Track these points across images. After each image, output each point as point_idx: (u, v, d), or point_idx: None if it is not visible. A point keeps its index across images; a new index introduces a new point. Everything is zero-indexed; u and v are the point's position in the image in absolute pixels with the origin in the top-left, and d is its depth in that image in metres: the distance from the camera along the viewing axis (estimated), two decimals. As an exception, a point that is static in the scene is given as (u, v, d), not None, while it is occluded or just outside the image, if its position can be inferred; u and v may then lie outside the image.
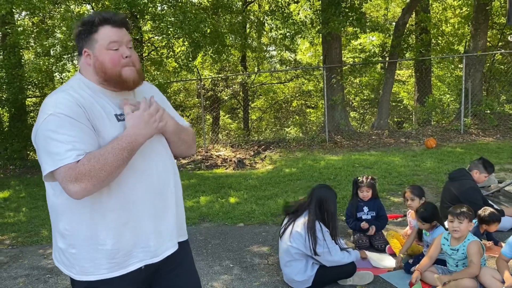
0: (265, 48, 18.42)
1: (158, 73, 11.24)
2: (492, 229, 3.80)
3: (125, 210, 1.61)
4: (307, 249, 3.21)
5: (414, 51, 12.76)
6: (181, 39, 10.34)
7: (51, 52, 10.83)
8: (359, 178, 4.30)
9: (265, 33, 16.25)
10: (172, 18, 9.11)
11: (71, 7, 9.94)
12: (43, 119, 1.51)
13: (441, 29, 15.51)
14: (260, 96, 19.52)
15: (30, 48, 11.19)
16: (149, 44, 12.54)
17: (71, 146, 1.48)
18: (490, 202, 4.45)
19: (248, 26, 15.33)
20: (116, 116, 1.64)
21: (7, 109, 11.73)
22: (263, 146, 11.03)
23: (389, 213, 4.86)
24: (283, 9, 11.70)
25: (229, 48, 12.29)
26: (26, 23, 12.53)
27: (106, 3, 9.34)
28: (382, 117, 11.87)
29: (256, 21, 14.37)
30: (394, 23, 13.12)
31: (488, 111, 11.12)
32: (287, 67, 18.31)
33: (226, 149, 11.31)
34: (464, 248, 3.08)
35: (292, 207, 3.52)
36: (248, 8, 15.52)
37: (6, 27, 10.38)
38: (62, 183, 1.49)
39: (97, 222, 1.59)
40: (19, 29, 10.33)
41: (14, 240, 5.08)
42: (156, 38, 12.02)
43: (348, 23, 10.57)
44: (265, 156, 9.97)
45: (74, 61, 11.13)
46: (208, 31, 9.96)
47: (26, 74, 10.65)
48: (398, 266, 3.56)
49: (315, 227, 3.23)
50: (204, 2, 12.77)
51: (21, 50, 11.06)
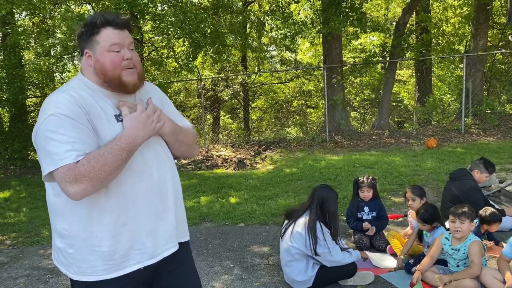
0: (266, 48, 18.42)
1: (159, 73, 11.23)
2: (493, 229, 3.80)
3: (124, 211, 1.61)
4: (308, 249, 3.20)
5: (415, 51, 12.76)
6: (182, 39, 10.34)
7: (52, 52, 10.84)
8: (360, 178, 4.29)
9: (266, 33, 16.24)
10: (173, 18, 9.11)
11: (72, 7, 9.94)
12: (43, 119, 1.52)
13: (442, 29, 15.50)
14: (261, 96, 19.52)
15: (31, 48, 11.20)
16: (150, 44, 12.53)
17: (71, 147, 1.48)
18: (491, 202, 4.45)
19: (249, 26, 15.33)
20: (116, 117, 1.64)
21: (8, 109, 11.75)
22: (264, 146, 11.03)
23: (390, 213, 4.85)
24: (284, 9, 11.70)
25: (230, 48, 12.29)
26: (27, 23, 12.54)
27: (107, 3, 9.34)
28: (383, 117, 11.86)
29: (257, 21, 14.36)
30: (395, 23, 13.11)
31: (489, 111, 11.11)
32: (288, 67, 18.31)
33: (227, 149, 11.30)
34: (465, 248, 3.07)
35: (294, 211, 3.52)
36: (249, 8, 15.51)
37: (7, 27, 10.39)
38: (61, 184, 1.49)
39: (95, 223, 1.59)
40: (20, 29, 10.33)
41: (15, 240, 5.08)
42: (157, 38, 12.02)
43: (349, 23, 10.57)
44: (266, 156, 9.97)
45: (75, 61, 11.14)
46: (209, 31, 9.96)
47: (27, 74, 10.65)
48: (399, 267, 3.55)
49: (316, 228, 3.22)
50: (205, 2, 12.77)
51: (22, 50, 11.06)
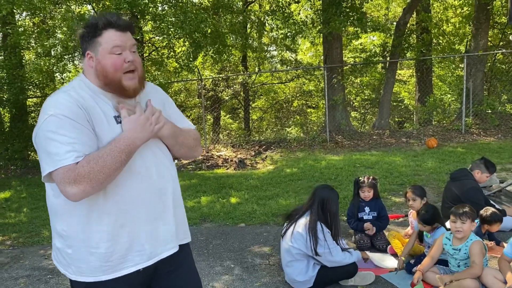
0: (266, 48, 18.41)
1: (159, 73, 11.24)
2: (494, 229, 3.79)
3: (122, 213, 1.61)
4: (308, 250, 3.20)
5: (415, 51, 12.75)
6: (182, 39, 10.34)
7: (52, 53, 10.84)
8: (361, 178, 4.28)
9: (266, 33, 16.24)
10: (173, 18, 9.11)
11: (72, 8, 9.94)
12: (44, 120, 1.52)
13: (442, 29, 15.49)
14: (261, 96, 19.51)
15: (31, 49, 11.20)
16: (150, 45, 12.54)
17: (71, 148, 1.48)
18: (492, 202, 4.44)
19: (249, 26, 15.33)
20: (115, 118, 1.64)
21: (8, 110, 11.76)
22: (264, 146, 11.03)
23: (391, 213, 4.85)
24: (284, 9, 11.70)
25: (230, 48, 12.29)
26: (27, 24, 12.55)
27: (107, 3, 9.34)
28: (383, 117, 11.86)
29: (257, 21, 14.35)
30: (395, 23, 13.11)
31: (490, 111, 11.09)
32: (288, 67, 18.30)
33: (227, 149, 11.30)
34: (467, 248, 3.07)
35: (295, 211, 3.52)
36: (249, 8, 15.51)
37: (7, 28, 10.39)
38: (60, 185, 1.49)
39: (93, 225, 1.59)
40: (20, 30, 10.34)
41: (15, 241, 5.08)
42: (157, 38, 12.03)
43: (349, 23, 10.57)
44: (266, 156, 9.96)
45: (75, 62, 11.15)
46: (209, 31, 9.96)
47: (27, 75, 10.66)
48: (400, 269, 3.54)
49: (317, 228, 3.22)
50: (205, 2, 12.77)
51: (22, 51, 11.07)
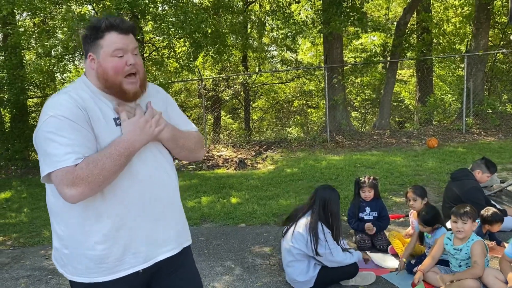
0: (266, 48, 18.40)
1: (159, 74, 11.24)
2: (495, 229, 3.78)
3: (120, 215, 1.60)
4: (309, 250, 3.20)
5: (416, 51, 12.74)
6: (182, 39, 10.33)
7: (52, 53, 10.84)
8: (361, 178, 4.28)
9: (266, 33, 16.24)
10: (173, 18, 9.11)
11: (72, 8, 9.94)
12: (44, 120, 1.51)
13: (443, 29, 15.48)
14: (261, 96, 19.52)
15: (32, 49, 11.21)
16: (150, 45, 12.54)
17: (70, 149, 1.48)
18: (493, 202, 4.44)
19: (249, 26, 15.33)
20: (115, 120, 1.63)
21: (9, 110, 11.77)
22: (265, 146, 11.02)
23: (391, 213, 4.85)
24: (284, 9, 11.69)
25: (230, 48, 12.29)
26: (28, 24, 12.55)
27: (107, 3, 9.34)
28: (384, 117, 11.85)
29: (257, 21, 14.35)
30: (396, 23, 13.10)
31: (490, 111, 11.08)
32: (288, 67, 18.30)
33: (228, 149, 11.30)
34: (468, 248, 3.06)
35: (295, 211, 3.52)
36: (249, 8, 15.51)
37: (8, 28, 10.40)
38: (58, 187, 1.48)
39: (90, 227, 1.59)
40: (21, 30, 10.34)
41: (16, 241, 5.08)
42: (157, 39, 12.02)
43: (349, 23, 10.56)
44: (267, 156, 9.96)
45: (76, 62, 11.15)
46: (209, 31, 9.96)
47: (28, 75, 10.66)
48: (401, 270, 3.53)
49: (317, 228, 3.22)
50: (205, 2, 12.78)
51: (23, 51, 11.08)
